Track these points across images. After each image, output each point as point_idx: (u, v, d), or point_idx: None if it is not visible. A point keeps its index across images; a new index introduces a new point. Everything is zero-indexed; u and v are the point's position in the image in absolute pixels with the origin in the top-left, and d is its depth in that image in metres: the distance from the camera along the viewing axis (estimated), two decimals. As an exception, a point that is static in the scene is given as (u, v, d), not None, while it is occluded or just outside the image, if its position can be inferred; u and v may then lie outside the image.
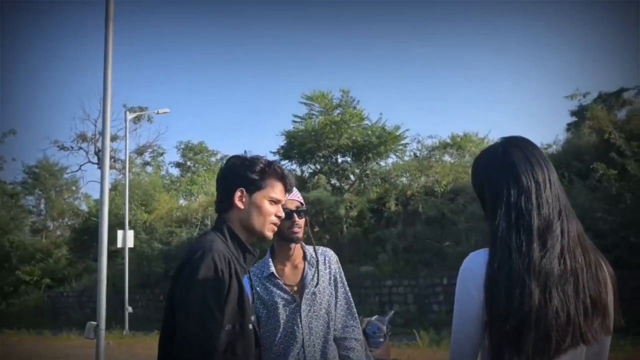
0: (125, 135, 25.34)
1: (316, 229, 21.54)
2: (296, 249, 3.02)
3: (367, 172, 26.42)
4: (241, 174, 2.44)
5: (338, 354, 3.02)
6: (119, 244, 21.29)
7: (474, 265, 1.85)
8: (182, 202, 34.45)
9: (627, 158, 15.78)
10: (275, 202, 2.47)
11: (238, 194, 2.41)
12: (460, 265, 1.90)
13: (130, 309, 20.76)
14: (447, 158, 26.08)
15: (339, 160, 27.42)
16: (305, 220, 3.02)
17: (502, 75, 62.83)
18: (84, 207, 40.86)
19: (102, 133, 9.07)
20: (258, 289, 2.97)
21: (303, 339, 2.91)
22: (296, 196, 3.00)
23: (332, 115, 27.01)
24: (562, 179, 17.60)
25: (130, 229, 22.52)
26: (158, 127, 69.96)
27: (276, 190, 2.48)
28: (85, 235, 31.26)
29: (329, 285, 3.04)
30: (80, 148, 42.70)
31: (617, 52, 54.41)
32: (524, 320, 1.68)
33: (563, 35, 54.36)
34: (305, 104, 28.24)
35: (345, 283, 3.12)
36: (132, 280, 23.26)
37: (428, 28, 62.34)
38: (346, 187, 26.60)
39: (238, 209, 2.42)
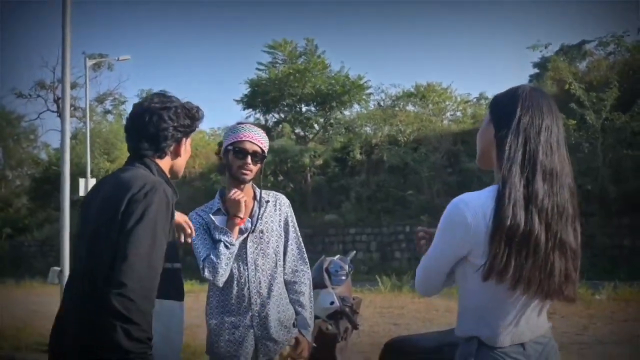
0: (86, 83, 24.83)
1: (280, 177, 21.63)
2: (246, 189, 3.03)
3: (331, 121, 26.44)
4: (181, 123, 2.40)
5: (288, 297, 3.07)
6: (81, 193, 21.06)
7: (468, 198, 1.89)
8: (144, 151, 34.18)
9: (586, 109, 16.07)
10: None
11: (184, 145, 2.43)
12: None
13: (93, 258, 20.72)
14: (410, 107, 26.18)
15: (303, 109, 27.36)
16: (260, 167, 3.03)
17: (467, 26, 62.88)
18: (43, 156, 40.26)
19: (62, 80, 8.92)
20: (204, 216, 3.00)
21: (248, 275, 2.95)
22: (257, 140, 3.00)
23: (296, 64, 26.82)
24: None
25: (92, 177, 22.27)
26: (119, 75, 68.87)
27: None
28: (45, 185, 30.88)
29: (279, 227, 3.07)
30: (39, 96, 41.75)
31: (580, 5, 54.72)
32: (525, 238, 1.80)
33: (527, -15, 54.27)
34: (268, 52, 27.97)
35: (297, 228, 3.15)
36: (95, 229, 23.13)
37: (393, -24, 61.67)
38: (310, 136, 26.63)
39: (178, 156, 2.44)
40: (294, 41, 27.64)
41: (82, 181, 21.02)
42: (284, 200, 3.16)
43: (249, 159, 2.96)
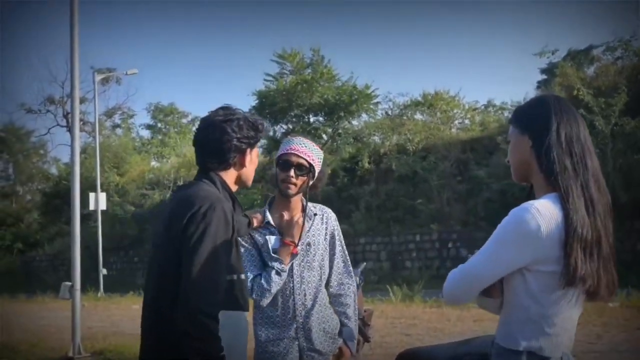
0: (94, 97, 24.94)
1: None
2: (295, 201, 3.05)
3: (340, 131, 26.43)
4: (247, 134, 2.47)
5: (334, 310, 3.10)
6: (91, 207, 21.16)
7: (539, 205, 1.85)
8: (154, 164, 34.28)
9: (595, 114, 15.99)
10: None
11: (248, 156, 2.49)
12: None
13: (104, 271, 20.77)
14: (418, 116, 26.15)
15: (311, 119, 27.37)
16: (307, 180, 3.00)
17: (473, 33, 62.88)
18: (53, 170, 40.41)
19: (71, 95, 8.98)
20: (256, 235, 3.01)
21: (293, 287, 2.97)
22: (303, 152, 2.99)
23: (304, 75, 26.86)
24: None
25: (102, 191, 22.36)
26: (127, 89, 69.07)
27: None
28: (56, 199, 31.00)
29: (324, 240, 3.09)
30: (48, 111, 41.92)
31: (586, 9, 54.58)
32: (594, 242, 1.85)
33: (533, -9, 54.26)
34: (276, 62, 28.04)
35: (343, 242, 3.18)
36: (106, 243, 23.20)
37: (399, -15, 61.81)
38: (319, 146, 26.62)
39: (244, 166, 2.51)
40: (301, 52, 27.70)
41: (92, 195, 21.10)
42: (331, 214, 3.19)
43: (292, 172, 2.96)
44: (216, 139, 2.43)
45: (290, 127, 27.39)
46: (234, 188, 2.50)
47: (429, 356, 3.15)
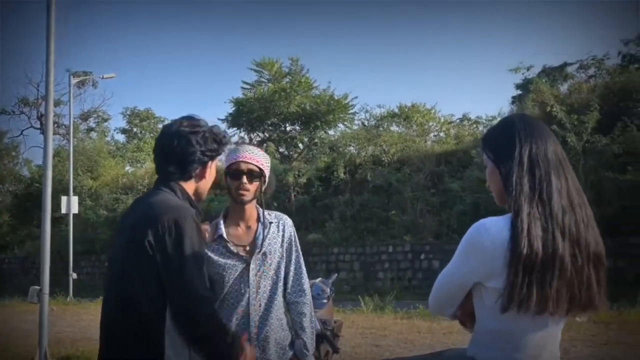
0: (69, 100, 24.76)
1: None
2: (249, 210, 3.06)
3: (316, 140, 26.47)
4: (209, 147, 2.50)
5: (290, 318, 3.09)
6: (63, 210, 20.95)
7: (489, 223, 1.92)
8: (128, 168, 34.00)
9: (567, 131, 16.23)
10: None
11: (209, 167, 2.53)
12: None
13: (74, 275, 20.55)
14: (394, 128, 26.31)
15: (288, 128, 27.38)
16: (259, 185, 3.02)
17: (450, 47, 63.47)
18: (25, 172, 39.87)
19: (46, 97, 8.89)
20: (208, 250, 2.99)
21: (249, 297, 2.96)
22: (252, 159, 3.01)
23: (282, 83, 26.89)
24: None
25: (75, 195, 22.14)
26: (103, 93, 68.54)
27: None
28: (27, 202, 30.61)
29: (281, 247, 3.08)
30: (22, 112, 41.54)
31: (561, 26, 55.44)
32: (548, 260, 1.83)
33: (508, 8, 54.94)
34: (254, 70, 28.02)
35: (299, 248, 3.18)
36: (77, 247, 22.96)
37: (378, -3, 62.25)
38: (295, 155, 26.64)
39: (203, 178, 2.54)
40: (279, 60, 27.72)
41: (64, 199, 20.91)
42: (287, 220, 3.19)
43: (245, 179, 2.97)
44: (180, 149, 2.44)
45: (267, 135, 27.37)
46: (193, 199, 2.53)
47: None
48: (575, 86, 20.33)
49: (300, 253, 3.18)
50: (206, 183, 2.56)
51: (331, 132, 27.17)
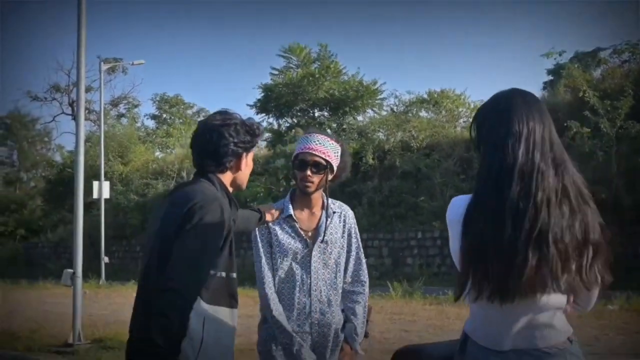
0: (100, 87, 25.01)
1: (292, 182, 21.63)
2: (316, 196, 3.09)
3: (344, 126, 26.43)
4: (243, 139, 2.53)
5: (344, 305, 3.12)
6: (95, 195, 21.22)
7: (457, 201, 1.96)
8: (158, 154, 34.30)
9: (600, 117, 15.96)
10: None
11: (244, 160, 2.55)
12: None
13: (106, 259, 20.83)
14: (423, 114, 26.15)
15: (316, 114, 27.38)
16: (324, 176, 3.03)
17: (480, 32, 62.76)
18: (57, 158, 40.49)
19: (77, 84, 9.01)
20: (276, 227, 3.06)
21: (310, 283, 3.01)
22: (319, 151, 3.01)
23: (310, 69, 26.86)
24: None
25: (105, 180, 22.41)
26: (133, 79, 69.17)
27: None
28: (60, 187, 31.06)
29: (342, 238, 3.11)
30: (54, 99, 42.12)
31: (594, 11, 54.44)
32: (491, 251, 1.78)
33: (542, -9, 54.05)
34: (283, 56, 28.04)
35: (359, 240, 3.20)
36: (108, 231, 23.28)
37: (408, -18, 61.70)
38: (323, 141, 26.62)
39: (239, 170, 2.57)
40: (308, 46, 27.69)
41: (95, 184, 21.16)
42: (349, 212, 3.22)
43: (309, 171, 2.99)
44: (214, 143, 2.50)
45: (295, 121, 27.40)
46: (230, 190, 2.57)
47: (427, 353, 3.17)
48: (609, 71, 19.95)
49: (361, 245, 3.21)
50: (243, 174, 2.60)
51: (360, 117, 27.15)
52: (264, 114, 27.96)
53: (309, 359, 2.97)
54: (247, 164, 2.58)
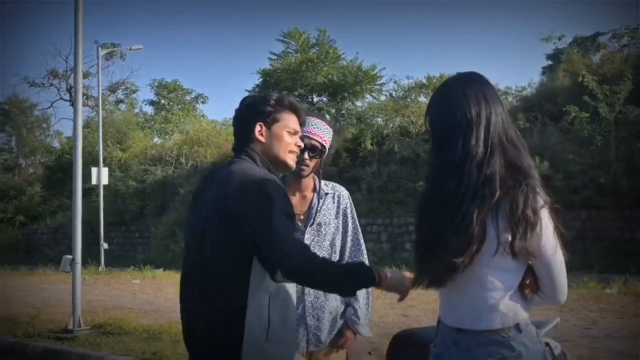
0: (98, 72, 24.87)
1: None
2: (307, 180, 3.08)
3: (343, 111, 26.40)
4: (257, 110, 2.55)
5: None
6: (93, 182, 21.20)
7: None
8: (156, 140, 34.25)
9: (599, 101, 15.94)
10: (292, 132, 2.60)
11: (257, 128, 2.53)
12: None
13: (105, 246, 20.85)
14: (422, 99, 26.09)
15: (315, 99, 27.33)
16: (319, 161, 3.05)
17: (479, 16, 62.49)
18: (56, 144, 40.46)
19: (75, 69, 8.98)
20: None
21: None
22: (315, 134, 3.02)
23: (309, 54, 26.79)
24: (535, 121, 17.51)
25: (104, 166, 22.39)
26: (131, 65, 69.05)
27: (291, 121, 2.60)
28: (58, 173, 31.06)
29: (336, 219, 3.10)
30: (52, 85, 42.02)
31: (595, -6, 54.17)
32: (425, 239, 1.93)
33: (542, -25, 53.77)
34: (282, 41, 27.96)
35: (356, 220, 3.18)
36: (107, 217, 23.28)
37: (407, -34, 61.35)
38: (322, 126, 26.58)
39: (260, 142, 2.54)
40: (307, 31, 27.60)
41: (94, 170, 21.14)
42: (343, 192, 3.20)
43: (306, 155, 2.97)
44: (239, 119, 2.60)
45: (294, 106, 27.35)
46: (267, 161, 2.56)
47: (426, 337, 3.18)
48: (608, 56, 19.91)
49: (358, 225, 3.19)
50: (267, 146, 2.54)
51: (358, 103, 27.11)
52: (262, 100, 27.91)
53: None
54: (270, 135, 2.54)
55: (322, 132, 3.04)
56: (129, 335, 7.67)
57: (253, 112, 2.55)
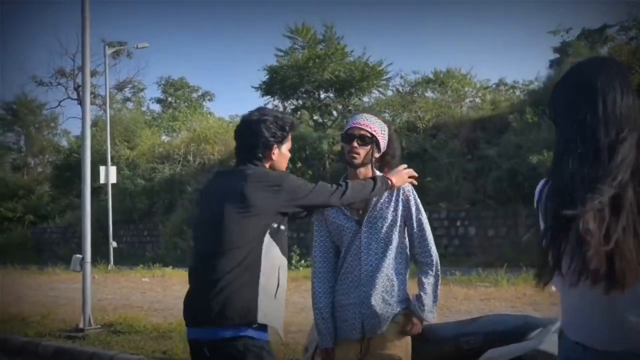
0: (105, 71, 24.90)
1: (299, 164, 21.65)
2: (365, 173, 3.17)
3: (350, 107, 26.36)
4: (276, 135, 2.94)
5: (417, 278, 3.21)
6: (102, 180, 21.26)
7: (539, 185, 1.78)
8: (164, 138, 34.29)
9: (607, 94, 15.86)
10: (290, 147, 3.09)
11: (275, 151, 2.95)
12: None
13: (114, 244, 20.92)
14: (429, 94, 26.01)
15: (322, 95, 27.29)
16: (370, 150, 3.15)
17: (486, 10, 62.18)
18: (64, 143, 40.57)
19: (82, 68, 9.00)
20: (330, 213, 3.22)
21: (360, 257, 3.10)
22: (364, 124, 3.16)
23: (316, 50, 26.74)
24: (542, 115, 17.44)
25: (112, 165, 22.43)
26: (138, 63, 69.14)
27: (290, 139, 3.07)
28: (67, 172, 31.15)
29: (394, 212, 3.15)
30: (59, 84, 42.07)
31: (602, -14, 53.82)
32: (564, 226, 1.60)
33: (548, -32, 53.50)
34: (288, 37, 27.91)
35: (421, 210, 3.23)
36: (116, 216, 23.35)
37: (412, -39, 61.14)
38: (329, 122, 26.59)
39: (271, 160, 2.96)
40: (313, 27, 27.54)
41: (102, 168, 21.19)
42: (404, 186, 3.25)
43: (355, 143, 3.13)
44: (249, 137, 2.93)
45: (301, 102, 27.33)
46: None
47: (435, 334, 3.21)
48: (616, 49, 19.81)
49: (423, 215, 3.23)
50: (277, 163, 2.97)
51: (365, 99, 27.05)
52: (269, 96, 27.88)
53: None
54: (280, 154, 2.97)
55: (372, 124, 3.17)
56: (139, 334, 7.70)
57: (272, 135, 2.92)
